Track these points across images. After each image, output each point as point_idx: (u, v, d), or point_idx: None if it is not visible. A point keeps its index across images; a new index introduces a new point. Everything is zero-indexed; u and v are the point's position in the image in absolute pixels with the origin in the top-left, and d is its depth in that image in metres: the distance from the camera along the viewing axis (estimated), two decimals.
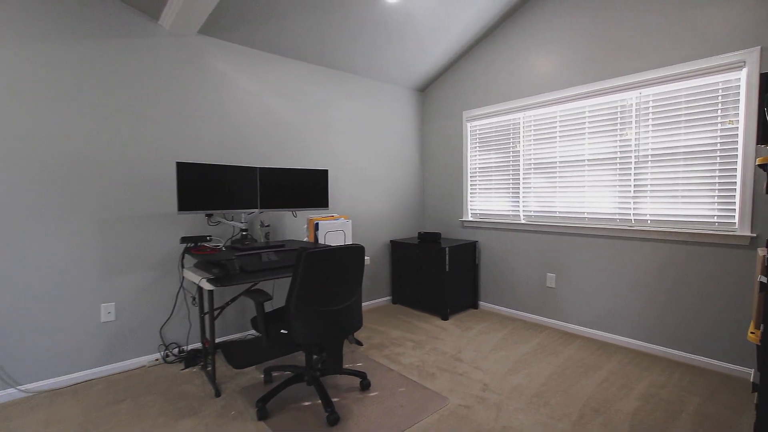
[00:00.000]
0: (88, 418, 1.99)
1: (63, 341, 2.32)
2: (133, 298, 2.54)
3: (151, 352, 2.64)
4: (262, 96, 3.05)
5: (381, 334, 3.16)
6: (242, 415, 1.99)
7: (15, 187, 2.15)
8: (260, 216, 3.04)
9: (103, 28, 2.37)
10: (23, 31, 2.13)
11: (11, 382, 2.19)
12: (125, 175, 2.48)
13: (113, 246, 2.46)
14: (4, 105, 2.10)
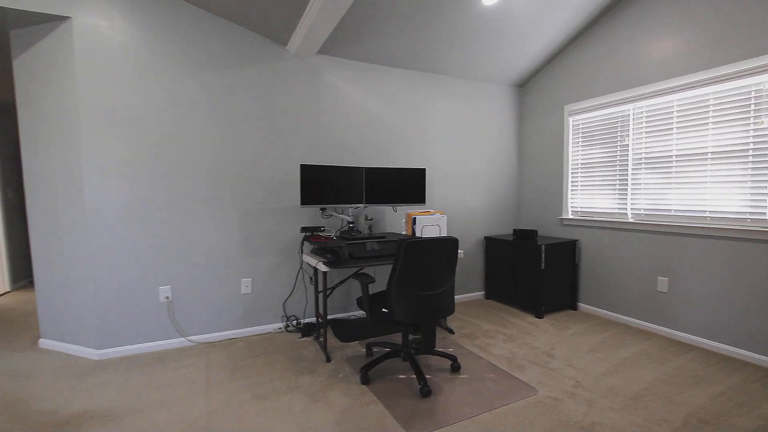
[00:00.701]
0: (235, 365, 2.55)
1: (217, 306, 2.97)
2: (264, 276, 3.11)
3: (276, 322, 3.20)
4: (366, 103, 3.40)
5: (473, 325, 3.30)
6: (348, 378, 2.35)
7: (186, 186, 2.82)
8: (365, 210, 3.42)
9: (244, 57, 2.94)
10: (186, 63, 2.78)
11: (183, 334, 2.89)
12: (261, 175, 3.04)
13: (251, 233, 3.04)
14: (175, 122, 2.77)
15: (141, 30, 2.62)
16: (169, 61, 2.71)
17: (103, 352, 2.69)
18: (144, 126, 2.67)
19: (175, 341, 2.87)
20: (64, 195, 2.65)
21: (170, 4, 2.68)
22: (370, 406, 2.04)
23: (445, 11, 2.86)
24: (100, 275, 2.64)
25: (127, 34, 2.59)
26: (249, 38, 2.94)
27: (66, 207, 2.65)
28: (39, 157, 2.70)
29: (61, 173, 2.63)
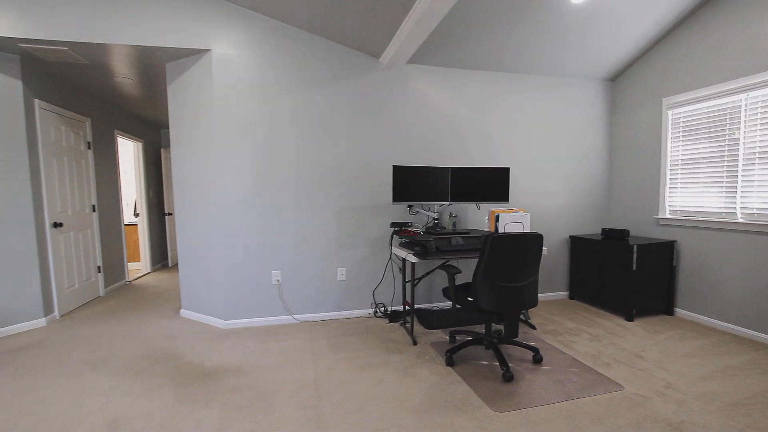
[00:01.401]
0: (334, 341, 2.93)
1: (317, 290, 3.40)
2: (356, 266, 3.47)
3: (366, 308, 3.54)
4: (451, 106, 3.59)
5: (555, 323, 3.31)
6: (434, 360, 2.58)
7: (293, 186, 3.28)
8: (449, 207, 3.61)
9: (342, 71, 3.31)
10: (292, 81, 3.22)
11: (290, 312, 3.36)
12: (355, 175, 3.40)
13: (346, 227, 3.42)
14: (285, 132, 3.23)
15: (258, 55, 3.12)
16: (279, 80, 3.18)
17: (228, 322, 3.26)
18: (261, 135, 3.18)
19: (283, 318, 3.36)
20: (201, 194, 3.26)
21: (279, 30, 3.15)
22: (454, 384, 2.25)
23: (531, 13, 2.93)
24: (226, 260, 3.20)
25: (249, 59, 3.11)
26: (347, 54, 3.31)
27: (202, 204, 3.27)
28: (184, 162, 3.36)
29: (200, 176, 3.25)
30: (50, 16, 2.75)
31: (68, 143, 3.80)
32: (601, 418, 1.90)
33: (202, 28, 2.99)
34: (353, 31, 3.05)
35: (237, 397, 2.14)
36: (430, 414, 1.95)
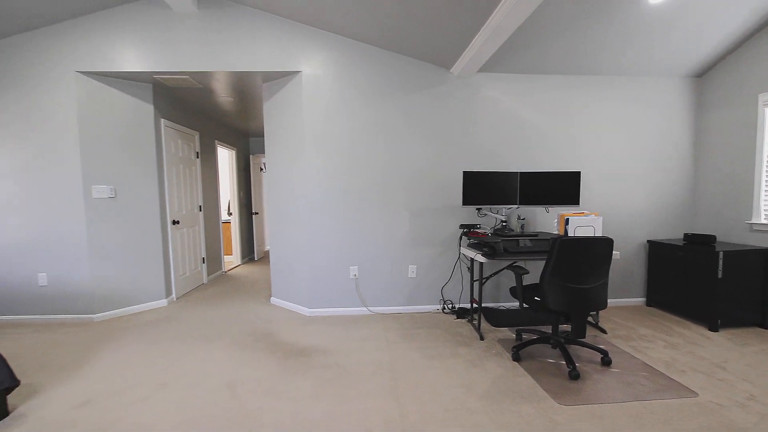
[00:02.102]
0: (405, 332, 3.20)
1: (389, 285, 3.70)
2: (426, 264, 3.71)
3: (434, 304, 3.77)
4: (521, 111, 3.68)
5: (628, 328, 3.26)
6: (500, 355, 2.73)
7: (368, 189, 3.60)
8: (517, 210, 3.71)
9: (414, 83, 3.57)
10: (368, 95, 3.54)
11: (365, 304, 3.70)
12: (426, 180, 3.64)
13: (417, 227, 3.67)
14: (362, 140, 3.56)
15: (340, 72, 3.49)
16: (358, 94, 3.52)
17: (312, 310, 3.68)
18: (343, 145, 3.55)
19: (359, 309, 3.71)
20: (290, 196, 3.73)
21: (357, 49, 3.49)
22: (520, 377, 2.40)
23: (609, 13, 2.94)
24: (311, 255, 3.63)
25: (332, 77, 3.49)
26: (420, 67, 3.56)
27: (291, 204, 3.73)
28: (277, 168, 3.85)
29: (290, 180, 3.71)
30: (176, 53, 3.36)
31: (183, 154, 4.53)
32: (669, 420, 1.94)
33: (293, 53, 3.43)
34: (426, 46, 3.29)
35: (326, 372, 2.50)
36: (496, 400, 2.14)
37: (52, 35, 3.36)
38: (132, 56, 3.38)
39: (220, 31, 3.36)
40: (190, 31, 3.36)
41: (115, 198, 3.65)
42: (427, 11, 2.80)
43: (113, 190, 3.63)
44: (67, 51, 3.37)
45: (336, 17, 3.17)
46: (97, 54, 3.37)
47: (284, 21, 3.40)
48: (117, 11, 3.34)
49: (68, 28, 3.36)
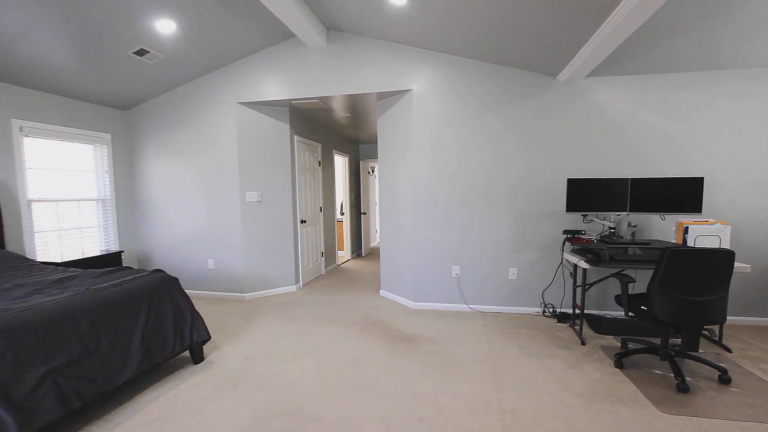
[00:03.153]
0: (504, 330, 3.39)
1: (489, 285, 3.91)
2: (527, 267, 3.83)
3: (534, 306, 3.86)
4: (635, 114, 3.54)
5: (760, 350, 2.96)
6: (602, 361, 2.77)
7: (471, 194, 3.85)
8: (627, 217, 3.59)
9: (517, 92, 3.70)
10: (471, 107, 3.77)
11: (465, 302, 3.97)
12: (528, 185, 3.75)
13: (518, 231, 3.81)
14: (473, 148, 3.82)
15: (445, 88, 3.81)
16: (464, 106, 3.79)
17: (417, 304, 4.08)
18: (449, 153, 3.86)
19: (460, 306, 3.99)
20: (400, 199, 4.17)
21: (461, 64, 3.75)
22: (622, 384, 2.44)
23: None
24: (417, 255, 4.02)
25: (438, 92, 3.83)
26: (523, 76, 3.69)
27: (400, 208, 4.17)
28: (388, 174, 4.34)
29: (399, 186, 4.16)
30: (309, 81, 4.05)
31: (309, 163, 5.32)
32: None
33: (403, 73, 3.86)
34: (532, 57, 3.41)
35: (431, 357, 2.86)
36: (593, 400, 2.25)
37: (221, 75, 4.33)
38: (276, 87, 4.17)
39: (344, 60, 3.95)
40: (320, 63, 4.01)
41: (261, 202, 4.53)
42: (535, 27, 2.94)
43: (260, 195, 4.51)
44: (231, 87, 4.31)
45: (442, 39, 3.50)
46: (251, 87, 4.25)
47: (396, 46, 3.84)
48: (265, 52, 4.16)
49: (231, 69, 4.29)
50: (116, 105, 4.60)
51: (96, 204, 4.52)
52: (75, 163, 4.31)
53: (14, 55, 3.21)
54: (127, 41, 3.38)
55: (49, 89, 3.88)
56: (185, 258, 4.73)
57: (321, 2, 3.31)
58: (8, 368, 1.68)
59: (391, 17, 3.30)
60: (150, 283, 2.50)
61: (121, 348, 2.19)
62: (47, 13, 2.83)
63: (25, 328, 1.78)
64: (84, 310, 2.05)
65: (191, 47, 3.72)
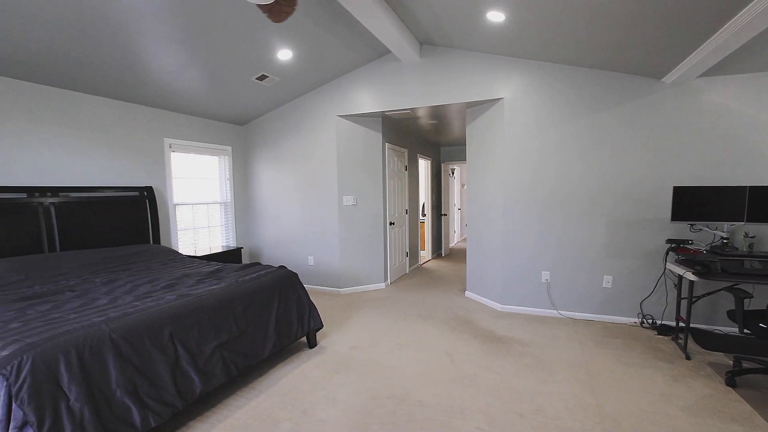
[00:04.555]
0: (597, 338, 3.37)
1: (581, 292, 3.88)
2: (624, 276, 3.72)
3: (630, 316, 3.74)
4: (759, 114, 3.26)
5: None
6: (711, 377, 2.66)
7: (568, 197, 3.85)
8: (743, 227, 3.33)
9: (614, 96, 3.60)
10: (575, 110, 3.74)
11: (555, 307, 3.98)
12: (627, 191, 3.65)
13: (614, 238, 3.72)
14: (557, 152, 3.81)
15: (537, 94, 3.84)
16: (553, 112, 3.80)
17: (504, 306, 4.18)
18: (536, 158, 3.90)
19: (548, 311, 4.01)
20: (488, 204, 4.30)
21: (553, 71, 3.75)
22: (734, 403, 2.35)
23: None
24: (505, 258, 4.12)
25: (530, 99, 3.88)
26: (620, 80, 3.59)
27: (488, 212, 4.30)
28: (477, 179, 4.48)
29: (487, 190, 4.29)
30: (403, 93, 4.35)
31: (396, 167, 5.65)
32: None
33: (496, 82, 3.97)
34: (634, 60, 3.32)
35: (524, 358, 2.98)
36: (700, 415, 2.22)
37: (323, 92, 4.82)
38: (371, 100, 4.54)
39: (436, 72, 4.18)
40: (414, 76, 4.29)
41: (356, 205, 4.96)
42: (644, 33, 2.88)
43: (355, 199, 4.94)
44: (331, 102, 4.78)
45: (537, 48, 3.55)
46: (349, 101, 4.68)
47: (488, 56, 3.97)
48: (362, 69, 4.55)
49: (332, 86, 4.76)
50: (236, 121, 5.34)
51: (219, 206, 5.32)
52: (204, 172, 5.11)
53: (169, 88, 3.95)
54: (252, 70, 3.96)
55: (188, 112, 4.67)
56: (289, 254, 5.34)
57: (417, 20, 3.57)
58: (194, 340, 2.20)
59: (485, 32, 3.45)
60: (279, 278, 2.98)
61: (262, 330, 2.67)
62: (193, 56, 3.47)
63: (203, 310, 2.30)
64: (238, 298, 2.56)
65: (301, 69, 4.22)
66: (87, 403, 1.66)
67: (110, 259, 3.34)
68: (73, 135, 3.62)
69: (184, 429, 2.17)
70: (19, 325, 1.86)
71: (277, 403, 2.42)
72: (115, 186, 3.95)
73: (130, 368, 1.86)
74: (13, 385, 1.50)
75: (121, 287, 2.62)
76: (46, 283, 2.73)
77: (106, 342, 1.81)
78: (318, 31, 3.51)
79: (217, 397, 2.48)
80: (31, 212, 3.21)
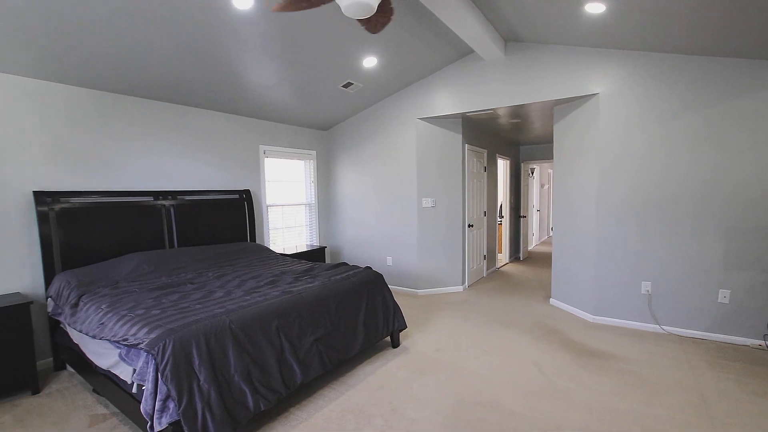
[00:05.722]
0: (712, 360, 3.00)
1: (690, 307, 3.48)
2: (745, 291, 3.27)
3: (753, 337, 3.27)
4: None
5: None
6: None
7: (673, 201, 3.48)
8: None
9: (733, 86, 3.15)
10: (676, 102, 3.36)
11: (657, 322, 3.62)
12: (749, 195, 3.19)
13: (733, 248, 3.28)
14: (659, 151, 3.44)
15: (639, 88, 3.51)
16: (657, 107, 3.44)
17: (595, 317, 3.90)
18: (635, 158, 3.57)
19: (648, 326, 3.66)
20: (578, 208, 4.04)
21: (657, 61, 3.40)
22: None
23: None
24: (599, 265, 3.84)
25: (630, 94, 3.56)
26: (743, 67, 3.14)
27: (578, 215, 4.04)
28: (565, 180, 4.24)
29: (580, 191, 4.03)
30: (486, 93, 4.26)
31: (475, 169, 5.55)
32: None
33: (589, 77, 3.72)
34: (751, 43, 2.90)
35: (623, 376, 2.76)
36: None
37: (403, 95, 4.90)
38: (452, 102, 4.51)
39: (522, 70, 4.03)
40: (497, 75, 4.18)
41: (435, 207, 4.97)
42: None
43: (434, 201, 4.95)
44: (412, 105, 4.84)
45: (639, 37, 3.26)
46: (429, 104, 4.70)
47: (580, 50, 3.73)
48: (444, 71, 4.54)
49: (413, 89, 4.81)
50: (319, 127, 5.65)
51: (305, 207, 5.66)
52: (292, 176, 5.48)
53: (264, 100, 4.31)
54: (338, 78, 4.16)
55: (279, 120, 5.04)
56: (368, 254, 5.51)
57: (504, 17, 3.47)
58: (296, 334, 2.38)
59: (581, 25, 3.25)
60: (367, 278, 3.10)
61: (352, 328, 2.80)
62: (287, 70, 3.73)
63: (303, 306, 2.48)
64: (331, 296, 2.72)
65: (384, 75, 4.34)
66: (213, 384, 1.89)
67: (218, 255, 3.74)
68: (186, 144, 4.11)
69: (285, 415, 2.36)
70: (158, 312, 2.18)
71: (367, 398, 2.53)
72: (220, 189, 4.41)
73: (246, 356, 2.07)
74: (159, 363, 1.76)
75: (230, 282, 2.93)
76: (170, 275, 3.14)
77: (226, 331, 2.04)
78: (402, 36, 3.58)
79: (312, 388, 2.65)
80: (155, 213, 3.71)
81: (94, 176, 3.40)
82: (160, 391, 1.75)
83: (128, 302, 2.40)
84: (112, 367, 2.08)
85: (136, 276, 3.03)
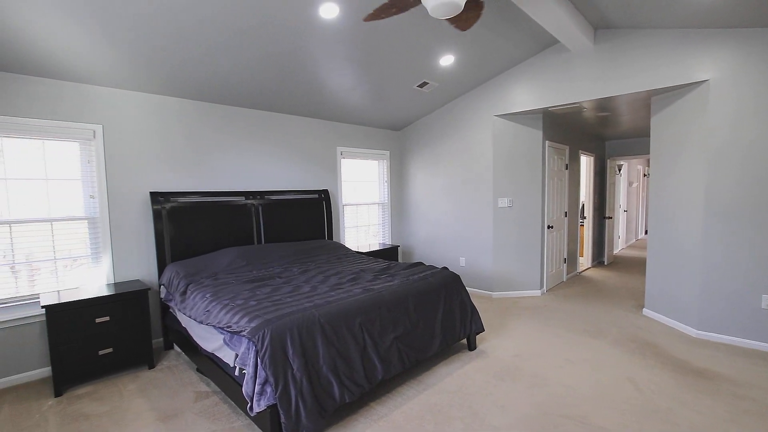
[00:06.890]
0: None
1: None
2: None
3: None
4: None
5: None
6: None
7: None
8: None
9: None
10: None
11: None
12: None
13: None
14: None
15: (758, 73, 3.03)
16: None
17: (700, 332, 3.47)
18: (753, 153, 3.10)
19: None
20: (682, 207, 3.62)
21: None
22: None
23: None
24: (706, 273, 3.41)
25: (748, 80, 3.10)
26: None
27: (681, 216, 3.62)
28: (662, 178, 3.83)
29: (683, 190, 3.61)
30: (572, 87, 3.99)
31: (556, 167, 5.23)
32: None
33: (697, 62, 3.30)
34: None
35: (740, 402, 2.43)
36: None
37: (479, 92, 4.78)
38: (533, 97, 4.30)
39: (615, 59, 3.71)
40: (584, 65, 3.89)
41: (512, 207, 4.78)
42: None
43: (511, 201, 4.76)
44: (488, 101, 4.70)
45: (758, 8, 2.82)
46: (507, 100, 4.52)
47: (685, 32, 3.33)
48: (523, 64, 4.34)
49: (489, 85, 4.67)
50: (393, 127, 5.72)
51: (378, 207, 5.78)
52: (366, 175, 5.62)
53: (341, 103, 4.47)
54: (414, 78, 4.17)
55: (354, 122, 5.19)
56: (440, 254, 5.47)
57: (594, 2, 3.22)
58: (377, 331, 2.44)
59: (684, 1, 2.91)
60: (444, 279, 3.08)
61: (430, 328, 2.81)
62: (364, 74, 3.82)
63: (383, 304, 2.54)
64: (410, 295, 2.74)
65: (460, 72, 4.26)
66: (304, 373, 2.01)
67: (300, 251, 3.97)
68: (272, 147, 4.40)
69: (366, 409, 2.44)
70: (255, 303, 2.37)
71: (446, 400, 2.52)
72: (301, 189, 4.67)
73: (333, 349, 2.18)
74: (259, 350, 1.92)
75: (314, 277, 3.09)
76: (260, 269, 3.40)
77: (316, 325, 2.16)
78: (480, 31, 3.48)
79: (391, 385, 2.71)
80: (246, 212, 4.04)
81: (196, 177, 3.79)
82: (260, 375, 1.91)
83: (228, 293, 2.64)
84: (216, 350, 2.31)
85: (232, 269, 3.32)
